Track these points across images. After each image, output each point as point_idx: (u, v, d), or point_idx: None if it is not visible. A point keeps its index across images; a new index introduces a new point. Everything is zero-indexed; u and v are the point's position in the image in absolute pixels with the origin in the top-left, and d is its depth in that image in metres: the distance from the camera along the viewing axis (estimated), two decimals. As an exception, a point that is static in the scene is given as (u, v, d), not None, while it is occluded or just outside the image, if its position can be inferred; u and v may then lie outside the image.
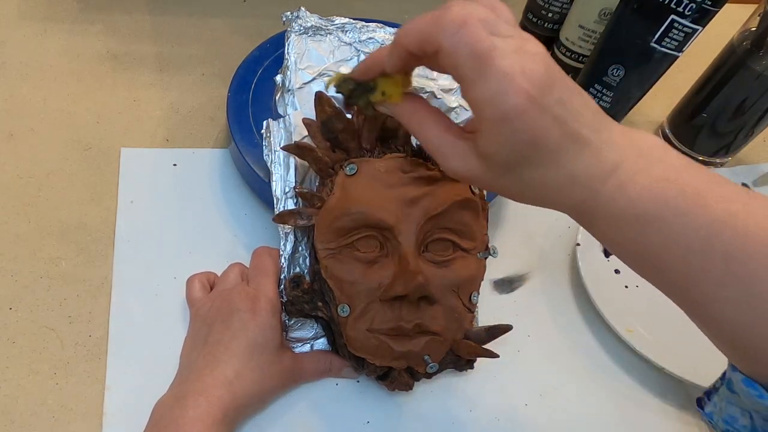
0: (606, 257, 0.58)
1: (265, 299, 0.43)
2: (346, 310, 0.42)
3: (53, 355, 0.45)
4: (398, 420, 0.46)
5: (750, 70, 0.57)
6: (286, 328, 0.45)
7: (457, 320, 0.43)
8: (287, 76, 0.49)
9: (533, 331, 0.52)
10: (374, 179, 0.42)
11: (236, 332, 0.41)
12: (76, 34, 0.65)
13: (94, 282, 0.49)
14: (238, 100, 0.54)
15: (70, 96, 0.60)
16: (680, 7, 0.53)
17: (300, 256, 0.46)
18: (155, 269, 0.50)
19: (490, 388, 0.49)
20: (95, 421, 0.42)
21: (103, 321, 0.47)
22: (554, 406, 0.49)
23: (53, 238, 0.50)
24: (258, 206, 0.55)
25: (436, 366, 0.43)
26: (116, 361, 0.45)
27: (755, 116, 0.61)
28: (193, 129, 0.60)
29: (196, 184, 0.55)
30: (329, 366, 0.46)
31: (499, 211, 0.59)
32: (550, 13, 0.70)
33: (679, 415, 0.50)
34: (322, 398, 0.46)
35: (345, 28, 0.52)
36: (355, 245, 0.42)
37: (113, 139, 0.57)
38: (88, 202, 0.53)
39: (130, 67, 0.63)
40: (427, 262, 0.42)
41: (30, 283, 0.48)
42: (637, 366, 0.52)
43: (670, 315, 0.54)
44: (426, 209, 0.42)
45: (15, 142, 0.55)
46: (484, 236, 0.45)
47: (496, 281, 0.55)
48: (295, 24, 0.51)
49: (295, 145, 0.44)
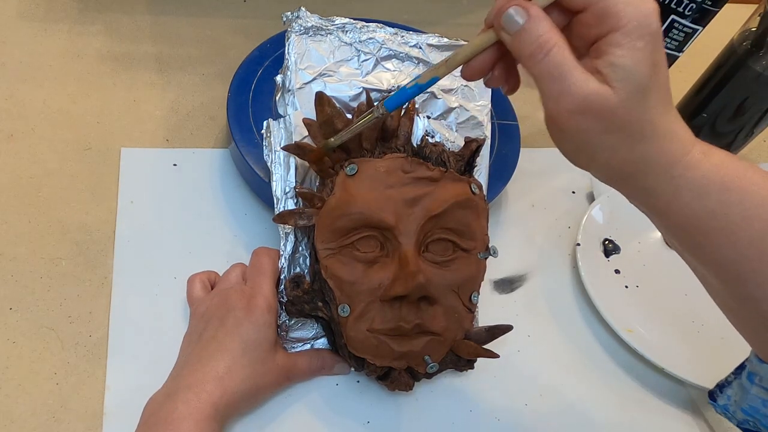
0: (606, 257, 0.58)
1: (261, 298, 0.43)
2: (346, 310, 0.42)
3: (53, 355, 0.45)
4: (398, 420, 0.46)
5: (750, 70, 0.57)
6: (286, 328, 0.45)
7: (457, 320, 0.43)
8: (287, 76, 0.49)
9: (533, 331, 0.52)
10: (374, 179, 0.42)
11: (230, 329, 0.41)
12: (76, 34, 0.65)
13: (94, 282, 0.48)
14: (238, 100, 0.54)
15: (70, 96, 0.60)
16: (680, 7, 0.53)
17: (300, 256, 0.46)
18: (155, 269, 0.50)
19: (490, 388, 0.49)
20: (95, 421, 0.42)
21: (103, 321, 0.47)
22: (554, 406, 0.49)
23: (53, 238, 0.50)
24: (258, 206, 0.55)
25: (436, 366, 0.43)
26: (116, 361, 0.45)
27: (755, 116, 0.61)
28: (193, 129, 0.60)
29: (196, 184, 0.55)
30: (322, 364, 0.46)
31: (499, 211, 0.59)
32: (550, 13, 0.70)
33: (679, 415, 0.50)
34: (322, 398, 0.46)
35: (345, 28, 0.52)
36: (356, 245, 0.42)
37: (113, 139, 0.57)
38: (88, 202, 0.53)
39: (130, 67, 0.63)
40: (428, 262, 0.42)
41: (30, 283, 0.48)
42: (637, 366, 0.52)
43: (670, 315, 0.55)
44: (426, 209, 0.42)
45: (15, 142, 0.55)
46: (484, 236, 0.45)
47: (496, 281, 0.55)
48: (295, 24, 0.51)
49: (295, 145, 0.44)
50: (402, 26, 0.56)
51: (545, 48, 0.30)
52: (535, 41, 0.30)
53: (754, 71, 0.57)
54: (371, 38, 0.52)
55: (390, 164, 0.42)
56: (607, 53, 0.29)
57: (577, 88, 0.29)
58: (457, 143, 0.50)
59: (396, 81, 0.52)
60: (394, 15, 0.63)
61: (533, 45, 0.30)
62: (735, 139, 0.64)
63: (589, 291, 0.53)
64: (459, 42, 0.54)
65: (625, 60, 0.29)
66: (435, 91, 0.52)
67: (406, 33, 0.54)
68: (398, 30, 0.54)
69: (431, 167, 0.43)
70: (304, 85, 0.49)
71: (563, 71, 0.30)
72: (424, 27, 0.58)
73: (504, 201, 0.60)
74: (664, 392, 0.51)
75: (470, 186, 0.44)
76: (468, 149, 0.46)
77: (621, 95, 0.29)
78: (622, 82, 0.29)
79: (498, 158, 0.56)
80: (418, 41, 0.53)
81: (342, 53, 0.51)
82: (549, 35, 0.30)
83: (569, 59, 0.30)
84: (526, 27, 0.30)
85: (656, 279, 0.57)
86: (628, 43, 0.29)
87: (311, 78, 0.50)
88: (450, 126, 0.52)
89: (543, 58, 0.30)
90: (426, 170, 0.42)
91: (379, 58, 0.52)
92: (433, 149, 0.44)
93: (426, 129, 0.49)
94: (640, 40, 0.29)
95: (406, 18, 0.74)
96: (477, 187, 0.45)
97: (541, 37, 0.30)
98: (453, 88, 0.53)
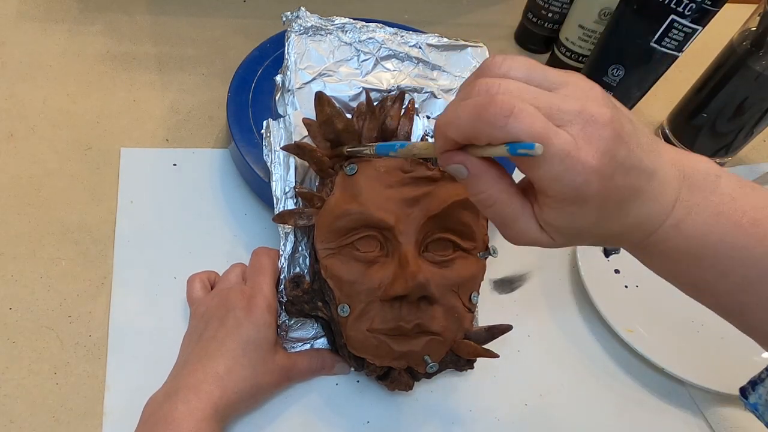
0: (606, 257, 0.58)
1: (261, 298, 0.43)
2: (346, 310, 0.42)
3: (53, 355, 0.45)
4: (398, 420, 0.46)
5: (750, 70, 0.57)
6: (286, 327, 0.45)
7: (457, 320, 0.43)
8: (287, 76, 0.49)
9: (533, 331, 0.52)
10: (374, 179, 0.42)
11: (230, 329, 0.41)
12: (76, 34, 0.65)
13: (94, 282, 0.49)
14: (238, 100, 0.54)
15: (70, 96, 0.60)
16: (680, 7, 0.53)
17: (300, 256, 0.46)
18: (155, 269, 0.50)
19: (490, 388, 0.49)
20: (95, 421, 0.42)
21: (103, 321, 0.47)
22: (554, 406, 0.49)
23: (53, 238, 0.50)
24: (258, 206, 0.55)
25: (436, 366, 0.43)
26: (116, 361, 0.45)
27: (755, 116, 0.61)
28: (193, 129, 0.60)
29: (196, 184, 0.55)
30: (322, 364, 0.46)
31: (499, 211, 0.59)
32: (550, 13, 0.70)
33: (679, 415, 0.50)
34: (322, 398, 0.46)
35: (345, 28, 0.52)
36: (355, 245, 0.42)
37: (113, 139, 0.57)
38: (88, 202, 0.53)
39: (130, 67, 0.63)
40: (427, 262, 0.42)
41: (30, 283, 0.48)
42: (637, 366, 0.52)
43: (670, 315, 0.55)
44: (426, 209, 0.42)
45: (15, 142, 0.55)
46: (484, 236, 0.45)
47: (496, 281, 0.55)
48: (295, 24, 0.51)
49: (295, 145, 0.44)
50: (402, 26, 0.56)
51: (487, 202, 0.30)
52: (478, 195, 0.30)
53: (754, 71, 0.57)
54: (371, 38, 0.52)
55: (390, 164, 0.42)
56: (540, 209, 0.29)
57: (522, 235, 0.31)
58: (457, 143, 0.49)
59: (396, 81, 0.52)
60: (394, 15, 0.63)
61: (476, 198, 0.31)
62: (735, 139, 0.64)
63: (589, 291, 0.53)
64: (459, 42, 0.54)
65: (554, 222, 0.29)
66: (435, 91, 0.52)
67: (406, 33, 0.54)
68: (398, 30, 0.54)
69: (431, 167, 0.43)
70: (304, 85, 0.49)
71: (507, 221, 0.31)
72: (424, 27, 0.58)
73: (504, 201, 0.60)
74: (664, 392, 0.51)
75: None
76: (468, 149, 0.46)
77: (561, 241, 0.31)
78: (556, 234, 0.30)
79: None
80: (417, 41, 0.53)
81: (342, 53, 0.51)
82: (489, 192, 0.30)
83: (509, 212, 0.30)
84: (469, 181, 0.30)
85: (656, 279, 0.56)
86: (557, 210, 0.29)
87: (311, 78, 0.50)
88: (450, 126, 0.52)
89: (487, 209, 0.31)
90: (425, 170, 0.42)
91: (378, 57, 0.52)
92: (433, 149, 0.44)
93: (426, 129, 0.49)
94: (570, 207, 0.28)
95: (406, 18, 0.74)
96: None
97: (483, 194, 0.30)
98: (453, 88, 0.53)
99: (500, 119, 0.26)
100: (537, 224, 0.30)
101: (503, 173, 0.30)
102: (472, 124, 0.27)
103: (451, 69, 0.54)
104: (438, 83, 0.53)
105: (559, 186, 0.27)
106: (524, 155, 0.26)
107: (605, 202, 0.28)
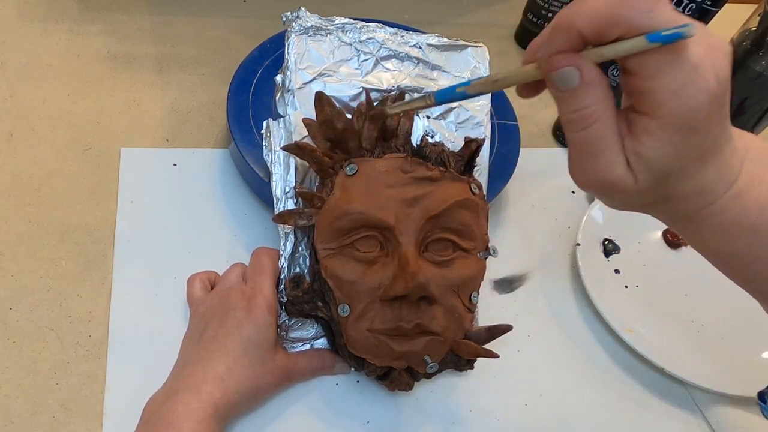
0: (606, 257, 0.58)
1: (262, 298, 0.43)
2: (346, 310, 0.42)
3: (53, 355, 0.45)
4: (398, 420, 0.46)
5: (750, 70, 0.57)
6: (286, 327, 0.45)
7: (457, 320, 0.43)
8: (287, 76, 0.49)
9: (533, 331, 0.52)
10: (374, 179, 0.42)
11: (231, 329, 0.41)
12: (76, 34, 0.65)
13: (94, 282, 0.48)
14: (238, 100, 0.54)
15: (70, 96, 0.60)
16: (680, 7, 0.53)
17: (300, 256, 0.46)
18: (155, 269, 0.50)
19: (490, 388, 0.49)
20: (95, 421, 0.42)
21: (103, 321, 0.47)
22: (554, 406, 0.49)
23: (53, 238, 0.50)
24: (258, 206, 0.55)
25: (436, 366, 0.43)
26: (116, 361, 0.45)
27: (755, 116, 0.61)
28: (193, 129, 0.60)
29: (196, 184, 0.55)
30: (322, 364, 0.46)
31: (499, 211, 0.59)
32: (550, 13, 0.70)
33: (679, 415, 0.50)
34: (322, 398, 0.46)
35: (345, 28, 0.52)
36: (356, 245, 0.42)
37: (113, 139, 0.57)
38: (88, 202, 0.53)
39: (130, 68, 0.63)
40: (427, 262, 0.42)
41: (30, 283, 0.48)
42: (637, 366, 0.52)
43: (670, 315, 0.55)
44: (426, 209, 0.42)
45: (15, 142, 0.55)
46: (484, 236, 0.45)
47: (496, 281, 0.55)
48: (295, 24, 0.51)
49: (295, 145, 0.44)
50: (402, 26, 0.56)
51: (587, 121, 0.27)
52: (580, 111, 0.27)
53: (754, 71, 0.57)
54: (371, 38, 0.52)
55: (390, 164, 0.42)
56: (638, 138, 0.27)
57: (603, 171, 0.28)
58: (456, 143, 0.50)
59: (396, 81, 0.52)
60: (394, 15, 0.63)
61: (576, 114, 0.27)
62: (735, 139, 0.64)
63: (589, 291, 0.53)
64: (459, 42, 0.54)
65: (651, 153, 0.27)
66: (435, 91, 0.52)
67: (406, 33, 0.54)
68: (398, 30, 0.54)
69: (431, 167, 0.43)
70: (304, 85, 0.49)
71: (595, 150, 0.28)
72: (424, 27, 0.58)
73: (504, 201, 0.60)
74: (664, 392, 0.51)
75: (470, 186, 0.44)
76: (468, 149, 0.46)
77: (641, 185, 0.28)
78: (644, 173, 0.28)
79: (498, 158, 0.56)
80: (418, 41, 0.53)
81: (342, 53, 0.51)
82: (595, 108, 0.27)
83: (605, 138, 0.27)
84: (576, 92, 0.27)
85: (656, 279, 0.57)
86: (661, 137, 0.26)
87: (311, 78, 0.50)
88: (450, 126, 0.52)
89: (581, 130, 0.28)
90: (426, 170, 0.42)
91: (378, 57, 0.52)
92: (433, 149, 0.44)
93: (426, 129, 0.49)
94: (676, 135, 0.26)
95: (406, 18, 0.74)
96: (477, 187, 0.45)
97: (588, 108, 0.27)
98: (453, 88, 0.53)
99: (646, 3, 0.24)
100: (625, 159, 0.28)
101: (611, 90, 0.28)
102: (610, 11, 0.25)
103: (451, 69, 0.54)
104: (438, 83, 0.53)
105: (676, 102, 0.25)
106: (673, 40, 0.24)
107: (702, 143, 0.27)
